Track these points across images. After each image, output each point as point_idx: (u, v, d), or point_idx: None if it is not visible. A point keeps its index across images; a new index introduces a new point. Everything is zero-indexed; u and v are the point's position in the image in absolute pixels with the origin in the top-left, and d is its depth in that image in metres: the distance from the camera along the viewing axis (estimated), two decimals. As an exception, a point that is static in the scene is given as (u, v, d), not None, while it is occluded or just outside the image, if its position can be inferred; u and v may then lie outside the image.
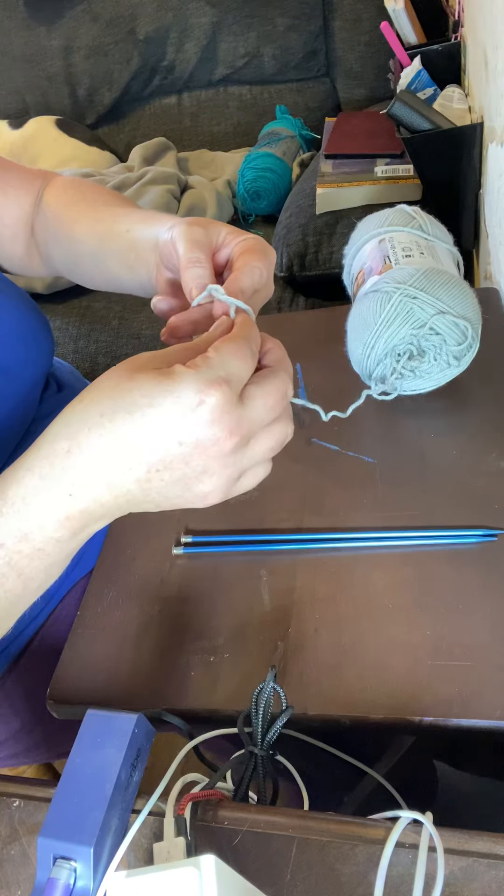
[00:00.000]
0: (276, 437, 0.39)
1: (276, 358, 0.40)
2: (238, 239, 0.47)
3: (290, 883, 0.36)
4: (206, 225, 0.48)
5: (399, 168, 1.19)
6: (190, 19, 1.69)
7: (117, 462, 0.35)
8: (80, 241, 0.60)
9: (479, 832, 0.36)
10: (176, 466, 0.36)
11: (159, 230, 0.50)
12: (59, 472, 0.36)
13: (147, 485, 0.36)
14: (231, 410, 0.35)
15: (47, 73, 1.82)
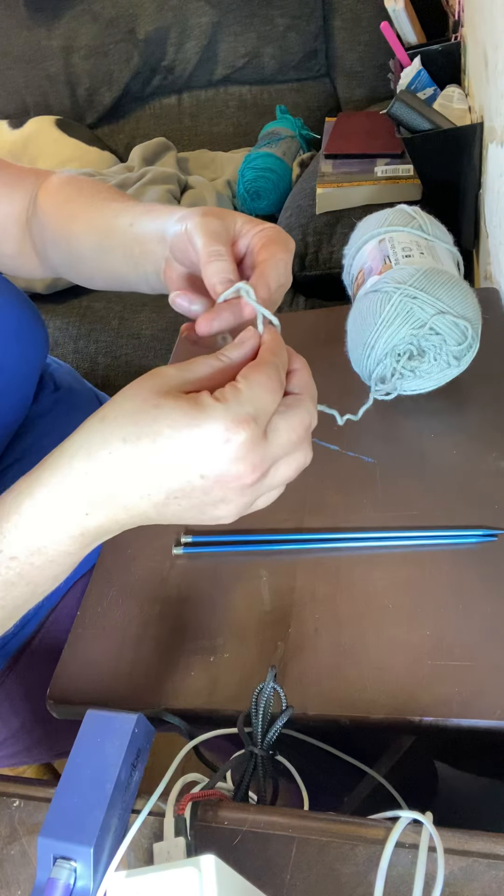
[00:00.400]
0: (294, 465, 0.39)
1: (302, 383, 0.40)
2: (256, 229, 0.46)
3: (290, 883, 0.36)
4: (221, 215, 0.46)
5: (399, 168, 1.19)
6: (190, 19, 1.69)
7: (137, 488, 0.35)
8: (78, 239, 0.59)
9: (479, 832, 0.36)
10: (195, 496, 0.36)
11: (167, 223, 0.49)
12: (77, 493, 0.36)
13: (164, 509, 0.36)
14: (256, 448, 0.35)
15: (47, 73, 1.82)
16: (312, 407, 0.39)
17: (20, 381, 0.63)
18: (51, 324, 1.48)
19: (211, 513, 0.37)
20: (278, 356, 0.38)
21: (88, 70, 1.79)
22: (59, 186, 0.64)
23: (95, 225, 0.57)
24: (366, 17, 1.58)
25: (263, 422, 0.36)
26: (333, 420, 0.54)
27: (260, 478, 0.36)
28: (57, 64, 1.80)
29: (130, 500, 0.36)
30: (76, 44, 1.77)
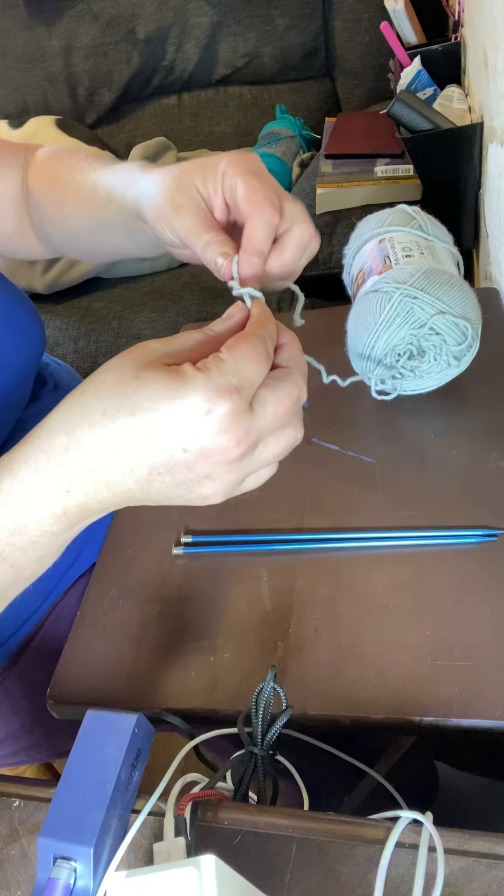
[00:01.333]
0: (284, 442, 0.37)
1: (290, 357, 0.38)
2: (239, 179, 0.44)
3: (290, 883, 0.36)
4: (189, 192, 0.45)
5: (399, 168, 1.19)
6: (190, 19, 1.69)
7: (118, 463, 0.34)
8: (72, 218, 0.58)
9: (479, 832, 0.36)
10: (179, 471, 0.34)
11: (140, 203, 0.49)
12: (57, 468, 0.34)
13: (147, 486, 0.35)
14: (240, 420, 0.33)
15: (47, 73, 1.82)
16: (301, 381, 0.38)
17: (14, 374, 0.62)
18: (51, 324, 1.48)
19: (198, 491, 0.36)
20: (265, 328, 0.37)
21: (88, 70, 1.79)
22: (43, 164, 0.63)
23: (83, 204, 0.57)
24: (366, 17, 1.58)
25: (248, 394, 0.34)
26: (334, 421, 0.54)
27: (246, 452, 0.35)
28: (57, 64, 1.80)
29: (112, 476, 0.35)
30: (76, 44, 1.76)
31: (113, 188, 0.54)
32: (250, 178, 0.44)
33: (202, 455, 0.34)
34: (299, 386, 0.37)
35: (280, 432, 0.37)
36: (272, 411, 0.35)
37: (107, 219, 0.55)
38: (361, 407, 0.66)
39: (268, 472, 0.39)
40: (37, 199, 0.62)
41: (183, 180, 0.47)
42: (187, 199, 0.46)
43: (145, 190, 0.49)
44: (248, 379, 0.34)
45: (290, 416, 0.37)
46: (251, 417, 0.34)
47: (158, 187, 0.48)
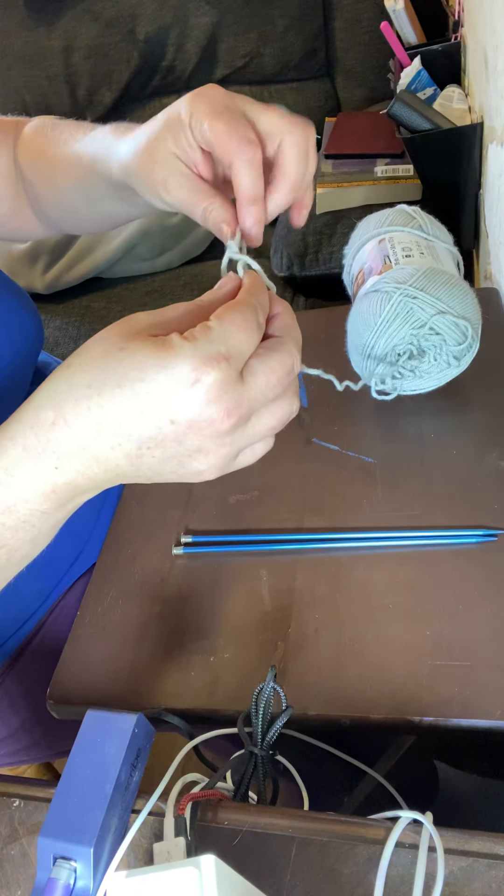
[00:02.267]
0: (278, 414, 0.36)
1: (283, 326, 0.37)
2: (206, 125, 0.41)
3: (290, 883, 0.36)
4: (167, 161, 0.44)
5: (399, 168, 1.19)
6: (190, 19, 1.69)
7: (105, 437, 0.33)
8: (64, 192, 0.58)
9: (479, 832, 0.36)
10: (168, 445, 0.33)
11: (124, 174, 0.48)
12: (44, 444, 0.34)
13: (138, 461, 0.34)
14: (229, 389, 0.32)
15: (47, 73, 1.82)
16: (295, 350, 0.36)
17: (11, 371, 0.61)
18: (51, 324, 1.48)
19: (190, 465, 0.35)
20: (256, 297, 0.36)
21: (88, 70, 1.78)
22: (30, 140, 0.61)
23: (71, 177, 0.56)
24: (366, 17, 1.58)
25: (238, 363, 0.33)
26: (334, 420, 0.54)
27: (237, 424, 0.33)
28: (57, 64, 1.80)
29: (101, 451, 0.34)
30: (76, 44, 1.76)
31: (95, 160, 0.52)
32: (216, 121, 0.41)
33: (191, 427, 0.33)
34: (292, 355, 0.36)
35: (274, 404, 0.36)
36: (263, 381, 0.34)
37: (99, 190, 0.54)
38: (361, 407, 0.66)
39: (263, 446, 0.38)
40: (28, 176, 0.61)
41: (156, 149, 0.44)
42: (169, 171, 0.44)
43: (126, 163, 0.47)
44: (237, 347, 0.33)
45: (284, 387, 0.35)
46: (241, 387, 0.33)
47: (138, 160, 0.46)
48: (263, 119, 0.42)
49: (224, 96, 0.42)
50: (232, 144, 0.40)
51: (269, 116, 0.43)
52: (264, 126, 0.42)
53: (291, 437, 0.64)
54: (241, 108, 0.42)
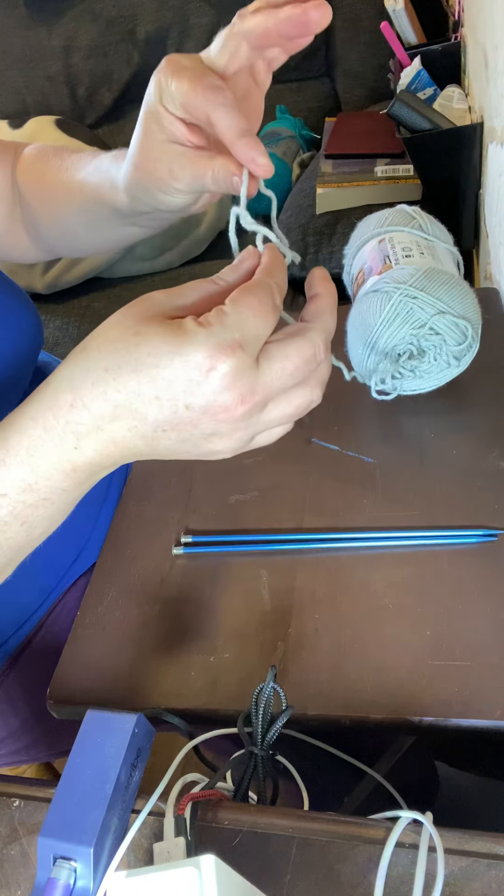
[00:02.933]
0: (296, 402, 0.36)
1: (315, 310, 0.36)
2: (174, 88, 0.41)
3: (290, 883, 0.36)
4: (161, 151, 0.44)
5: (399, 168, 1.19)
6: (190, 19, 1.69)
7: (122, 420, 0.34)
8: (64, 218, 0.59)
9: (479, 832, 0.36)
10: (184, 428, 0.34)
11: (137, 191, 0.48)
12: (64, 426, 0.34)
13: (154, 442, 0.35)
14: (244, 377, 0.32)
15: (47, 73, 1.82)
16: (318, 338, 0.35)
17: (10, 370, 0.61)
18: (51, 324, 1.48)
19: (205, 447, 0.35)
20: (275, 276, 0.35)
21: (88, 70, 1.79)
22: (30, 164, 0.62)
23: (73, 204, 0.56)
24: (366, 17, 1.58)
25: (254, 349, 0.33)
26: (334, 421, 0.54)
27: (252, 410, 0.34)
28: (57, 64, 1.80)
29: (118, 432, 0.34)
30: (76, 44, 1.76)
31: (99, 189, 0.53)
32: (180, 83, 0.41)
33: (206, 413, 0.33)
34: (314, 343, 0.35)
35: (292, 392, 0.35)
36: (279, 367, 0.34)
37: (102, 216, 0.55)
38: (361, 407, 0.66)
39: (281, 430, 0.38)
40: (27, 199, 0.62)
41: (149, 147, 0.45)
42: (168, 159, 0.44)
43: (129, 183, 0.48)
44: (252, 333, 0.33)
45: (303, 375, 0.35)
46: (256, 374, 0.33)
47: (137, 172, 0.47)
48: (218, 58, 0.42)
49: (181, 59, 0.42)
50: (199, 98, 0.40)
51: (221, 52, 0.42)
52: (222, 62, 0.42)
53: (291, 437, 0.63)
54: (199, 62, 0.42)
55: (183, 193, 0.46)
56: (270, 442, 0.38)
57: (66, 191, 0.57)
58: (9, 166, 0.63)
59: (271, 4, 0.40)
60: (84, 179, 0.55)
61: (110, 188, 0.51)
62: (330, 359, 0.38)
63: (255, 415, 0.34)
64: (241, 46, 0.42)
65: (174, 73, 0.41)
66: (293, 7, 0.39)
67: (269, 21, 0.40)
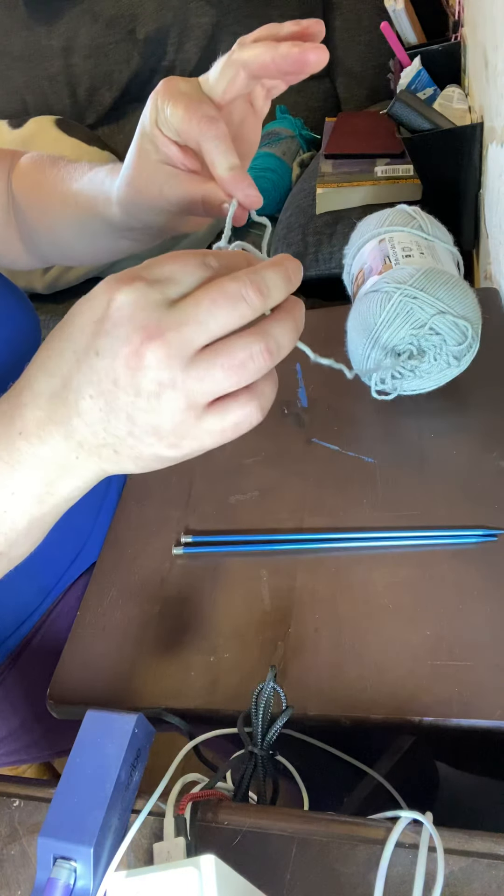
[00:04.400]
0: (238, 354, 0.31)
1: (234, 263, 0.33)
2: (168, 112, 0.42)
3: (290, 883, 0.36)
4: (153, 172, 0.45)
5: (399, 168, 1.19)
6: (190, 19, 1.69)
7: (53, 392, 0.32)
8: (58, 228, 0.59)
9: (479, 832, 0.36)
10: (106, 388, 0.31)
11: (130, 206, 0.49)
12: (13, 408, 0.34)
13: (86, 416, 0.32)
14: (146, 307, 0.30)
15: (47, 73, 1.82)
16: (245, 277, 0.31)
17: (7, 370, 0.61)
18: (51, 324, 1.48)
19: (143, 421, 0.31)
20: (220, 258, 0.32)
21: (88, 70, 1.79)
22: (26, 173, 0.62)
23: (68, 215, 0.57)
24: (366, 17, 1.58)
25: (167, 288, 0.30)
26: (333, 420, 0.54)
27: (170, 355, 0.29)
28: (57, 64, 1.80)
29: (52, 407, 0.32)
30: (76, 44, 1.76)
31: (94, 202, 0.53)
32: (175, 109, 0.41)
33: (116, 357, 0.30)
34: (238, 279, 0.30)
35: (224, 340, 0.31)
36: (192, 302, 0.30)
37: (96, 228, 0.55)
38: (361, 407, 0.66)
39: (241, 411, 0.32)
40: (23, 207, 0.62)
41: (142, 166, 0.45)
42: (161, 179, 0.45)
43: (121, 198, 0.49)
44: (163, 273, 0.30)
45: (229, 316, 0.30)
46: (168, 310, 0.30)
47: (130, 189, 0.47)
48: (216, 85, 0.42)
49: (179, 83, 0.42)
50: (193, 128, 0.40)
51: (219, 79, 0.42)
52: (219, 90, 0.42)
53: (291, 437, 0.64)
54: (197, 87, 0.43)
55: (172, 214, 0.47)
56: (231, 428, 0.33)
57: (62, 201, 0.57)
58: (5, 174, 0.64)
59: (272, 36, 0.41)
60: (79, 190, 0.55)
61: (104, 201, 0.51)
62: (285, 319, 0.32)
63: (174, 363, 0.30)
64: (238, 75, 0.41)
65: (171, 98, 0.41)
66: (292, 45, 0.39)
67: (266, 55, 0.40)
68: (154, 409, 0.31)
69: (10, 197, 0.64)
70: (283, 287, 0.32)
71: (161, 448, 0.33)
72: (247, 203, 0.41)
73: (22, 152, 0.65)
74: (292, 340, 0.33)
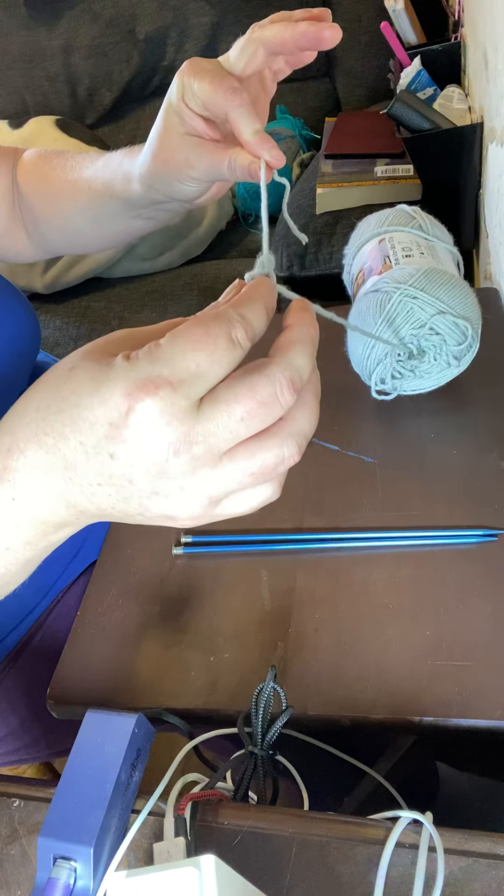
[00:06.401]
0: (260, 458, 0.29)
1: (282, 344, 0.30)
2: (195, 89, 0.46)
3: (290, 883, 0.36)
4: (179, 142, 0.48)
5: (399, 168, 1.19)
6: (190, 19, 1.69)
7: (56, 468, 0.29)
8: (68, 215, 0.60)
9: (479, 832, 0.36)
10: (120, 484, 0.29)
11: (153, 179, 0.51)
12: (1, 472, 0.30)
13: (94, 498, 0.30)
14: (173, 421, 0.27)
15: (47, 73, 1.82)
16: (280, 374, 0.28)
17: (7, 371, 0.62)
18: (51, 324, 1.48)
19: (155, 509, 0.30)
20: (243, 308, 0.29)
21: (88, 70, 1.78)
22: (31, 165, 0.64)
23: (79, 201, 0.59)
24: (366, 17, 1.58)
25: (191, 388, 0.27)
26: (334, 421, 0.54)
27: (193, 464, 0.28)
28: (57, 64, 1.80)
29: (55, 483, 0.29)
30: (76, 44, 1.76)
31: (111, 183, 0.56)
32: (202, 84, 0.45)
33: (134, 465, 0.28)
34: (273, 380, 0.28)
35: (254, 444, 0.29)
36: (225, 411, 0.27)
37: (108, 210, 0.57)
38: (361, 407, 0.66)
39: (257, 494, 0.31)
40: (28, 200, 0.63)
41: (168, 138, 0.49)
42: (186, 150, 0.48)
43: (146, 172, 0.52)
44: (188, 369, 0.27)
45: (261, 421, 0.28)
46: (195, 419, 0.27)
47: (156, 160, 0.50)
48: (237, 62, 0.46)
49: (202, 62, 0.46)
50: (219, 98, 0.44)
51: (240, 56, 0.46)
52: (240, 66, 0.46)
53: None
54: (218, 65, 0.47)
55: (197, 181, 0.50)
56: (247, 510, 0.31)
57: (73, 189, 0.59)
58: (8, 170, 0.65)
59: (287, 18, 0.45)
60: (91, 176, 0.58)
61: (123, 180, 0.54)
62: (310, 404, 0.30)
63: (200, 471, 0.28)
64: (258, 51, 0.45)
65: (197, 75, 0.45)
66: (309, 24, 0.43)
67: (287, 32, 0.44)
68: (171, 504, 0.30)
69: (14, 191, 0.65)
70: (311, 368, 0.30)
71: (171, 523, 0.32)
72: (273, 163, 0.44)
73: (24, 149, 0.66)
74: (314, 427, 0.31)
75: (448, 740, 0.75)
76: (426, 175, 1.11)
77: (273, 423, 0.29)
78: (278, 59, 0.47)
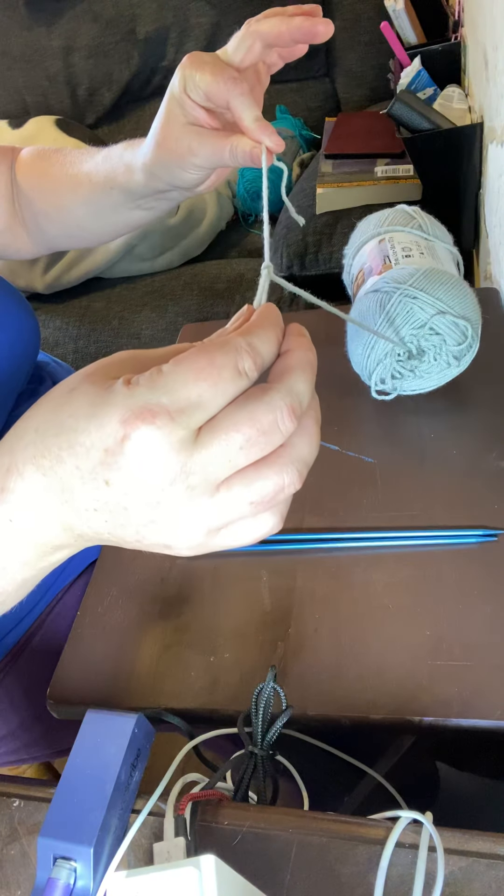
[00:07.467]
0: (258, 487, 0.28)
1: (281, 370, 0.29)
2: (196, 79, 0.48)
3: (290, 883, 0.36)
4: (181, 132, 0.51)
5: (399, 168, 1.19)
6: (190, 19, 1.69)
7: (53, 491, 0.29)
8: (69, 209, 0.62)
9: (479, 832, 0.36)
10: (116, 510, 0.28)
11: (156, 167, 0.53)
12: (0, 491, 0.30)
13: (90, 523, 0.29)
14: (170, 451, 0.26)
15: (47, 73, 1.82)
16: (280, 402, 0.28)
17: (7, 372, 0.62)
18: (51, 324, 1.48)
19: (152, 538, 0.29)
20: (251, 336, 0.29)
21: (88, 70, 1.79)
22: (30, 162, 0.65)
23: (80, 195, 0.60)
24: (366, 17, 1.58)
25: (190, 418, 0.26)
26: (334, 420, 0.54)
27: (190, 495, 0.27)
28: (57, 64, 1.80)
29: (52, 505, 0.29)
30: (76, 44, 1.76)
31: (112, 176, 0.57)
32: (203, 75, 0.47)
33: (128, 494, 0.27)
34: (273, 407, 0.28)
35: (251, 473, 0.28)
36: (223, 441, 0.27)
37: (109, 202, 0.59)
38: (361, 407, 0.66)
39: (256, 526, 0.30)
40: (28, 196, 0.64)
41: (171, 128, 0.51)
42: (189, 138, 0.50)
43: (149, 161, 0.54)
44: (188, 398, 0.26)
45: (260, 450, 0.28)
46: (192, 448, 0.27)
47: (159, 149, 0.52)
48: (235, 54, 0.49)
49: (203, 55, 0.49)
50: (221, 88, 0.47)
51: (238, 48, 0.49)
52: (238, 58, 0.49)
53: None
54: (217, 57, 0.49)
55: (199, 168, 0.52)
56: (248, 542, 0.30)
57: (73, 183, 0.60)
58: (7, 167, 0.66)
59: (281, 13, 0.47)
60: (92, 170, 0.59)
61: (125, 171, 0.56)
62: (310, 430, 0.30)
63: (197, 500, 0.28)
64: (255, 44, 0.48)
65: (198, 67, 0.48)
66: (304, 19, 0.46)
67: (283, 25, 0.47)
68: (168, 534, 0.29)
69: (13, 188, 0.66)
70: (311, 394, 0.30)
71: (169, 552, 0.31)
72: (273, 147, 0.47)
73: (19, 147, 0.68)
74: (314, 454, 0.31)
75: (448, 740, 0.75)
76: (426, 175, 1.11)
77: (272, 451, 0.29)
78: (273, 52, 0.50)
